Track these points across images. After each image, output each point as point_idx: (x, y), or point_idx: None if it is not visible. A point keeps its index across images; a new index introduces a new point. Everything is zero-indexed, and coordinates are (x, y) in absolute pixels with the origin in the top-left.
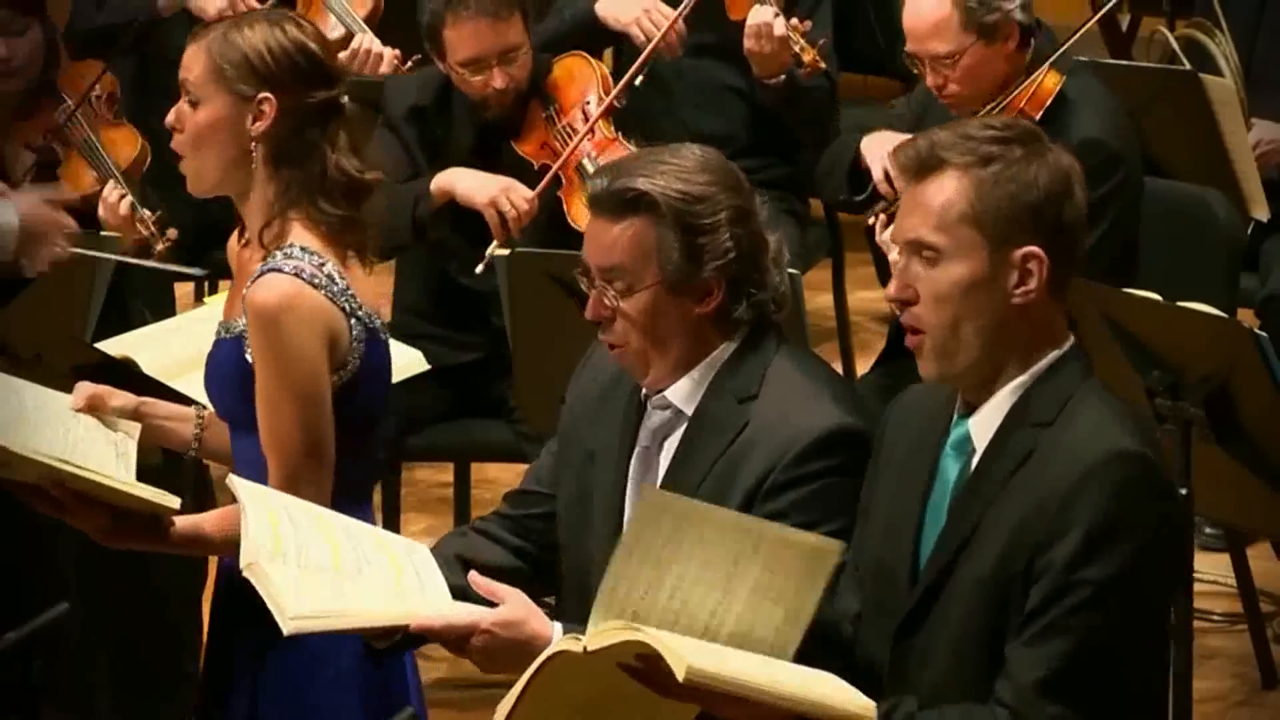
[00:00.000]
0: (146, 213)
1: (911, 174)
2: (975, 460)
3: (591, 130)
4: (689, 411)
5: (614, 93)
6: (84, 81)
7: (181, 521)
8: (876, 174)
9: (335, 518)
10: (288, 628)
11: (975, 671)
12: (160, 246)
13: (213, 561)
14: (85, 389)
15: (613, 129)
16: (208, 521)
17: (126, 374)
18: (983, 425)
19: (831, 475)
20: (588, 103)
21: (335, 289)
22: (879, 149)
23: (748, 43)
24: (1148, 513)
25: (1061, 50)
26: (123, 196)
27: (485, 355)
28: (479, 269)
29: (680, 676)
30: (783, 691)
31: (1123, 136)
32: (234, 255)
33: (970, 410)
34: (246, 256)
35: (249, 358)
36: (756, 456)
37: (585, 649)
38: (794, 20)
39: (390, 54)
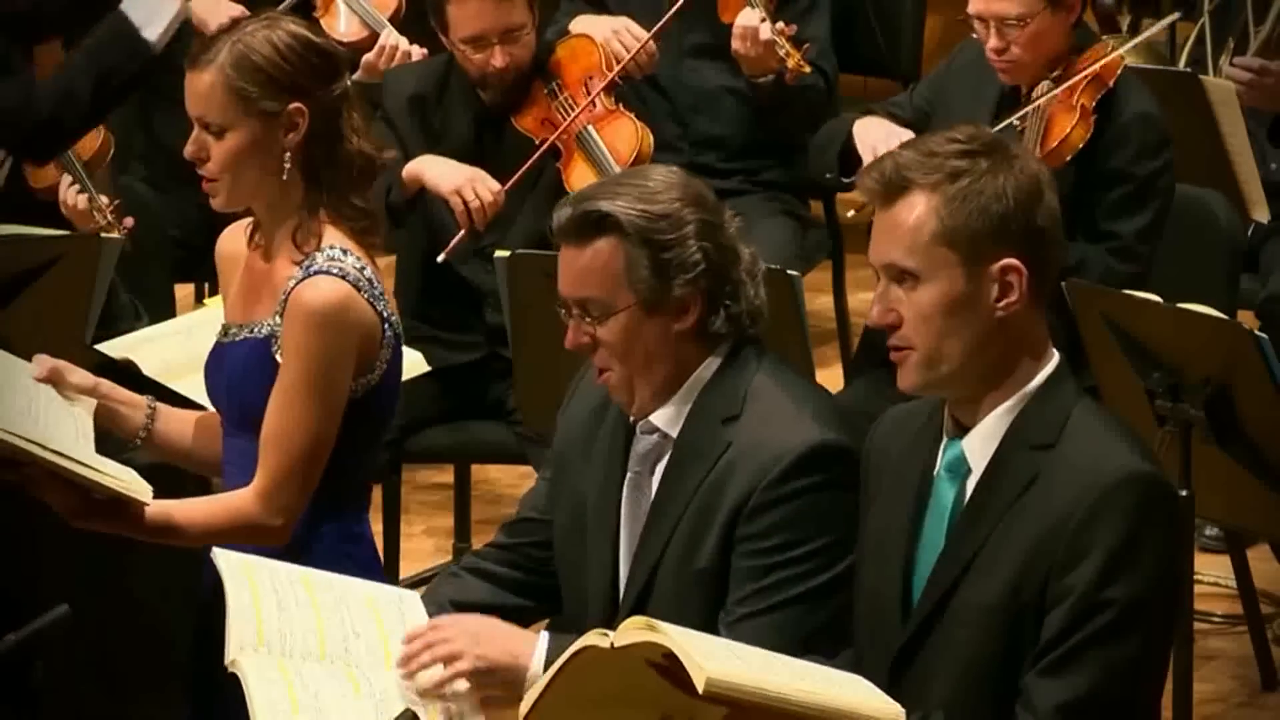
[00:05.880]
0: (104, 200)
1: (880, 197)
2: (971, 483)
3: (592, 102)
4: (674, 434)
5: (616, 70)
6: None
7: (152, 509)
8: (866, 162)
9: (322, 579)
10: None
11: (982, 700)
12: (117, 234)
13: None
14: (46, 361)
15: (614, 101)
16: (178, 511)
17: (126, 375)
18: (978, 446)
19: (814, 492)
20: (590, 78)
21: (374, 293)
22: (870, 136)
23: (734, 44)
24: (1164, 532)
25: (1144, 36)
26: (80, 191)
27: (484, 355)
28: (440, 257)
29: (700, 689)
30: (809, 701)
31: (1167, 119)
32: (233, 257)
33: (961, 430)
34: (264, 265)
35: (278, 356)
36: (738, 479)
37: (612, 645)
38: (780, 24)
39: (417, 51)
